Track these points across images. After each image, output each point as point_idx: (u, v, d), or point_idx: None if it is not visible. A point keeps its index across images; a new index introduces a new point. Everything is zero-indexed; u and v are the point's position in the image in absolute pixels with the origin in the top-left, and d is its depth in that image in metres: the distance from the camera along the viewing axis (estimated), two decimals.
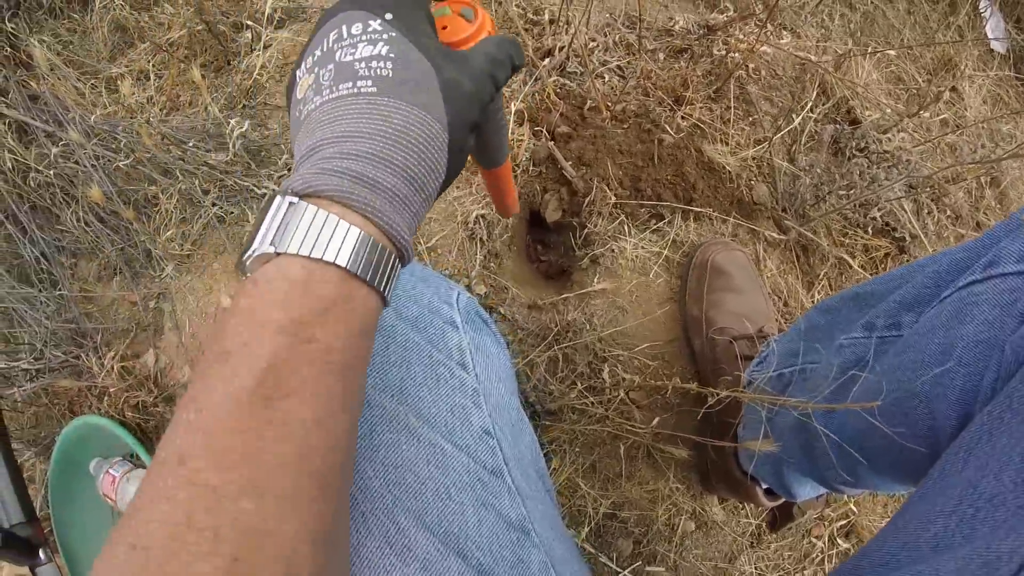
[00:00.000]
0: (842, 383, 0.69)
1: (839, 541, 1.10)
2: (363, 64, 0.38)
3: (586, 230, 1.14)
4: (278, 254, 0.34)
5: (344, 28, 0.40)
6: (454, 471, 0.51)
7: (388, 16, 0.40)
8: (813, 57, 1.18)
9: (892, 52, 1.20)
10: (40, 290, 1.11)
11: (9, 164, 1.09)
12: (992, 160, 1.06)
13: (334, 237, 0.34)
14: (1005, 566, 0.34)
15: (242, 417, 0.31)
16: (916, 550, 0.42)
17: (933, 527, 0.42)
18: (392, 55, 0.39)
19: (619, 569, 1.06)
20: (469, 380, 0.56)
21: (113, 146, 1.10)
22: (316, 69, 0.40)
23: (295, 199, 0.35)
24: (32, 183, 1.11)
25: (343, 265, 0.34)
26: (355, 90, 0.38)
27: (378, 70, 0.38)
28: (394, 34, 0.40)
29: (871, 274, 1.13)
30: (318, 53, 0.41)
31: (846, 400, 0.67)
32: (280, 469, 0.31)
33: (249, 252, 0.35)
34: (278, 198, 0.35)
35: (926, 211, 1.14)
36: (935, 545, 0.41)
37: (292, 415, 0.32)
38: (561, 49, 1.18)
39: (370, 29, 0.40)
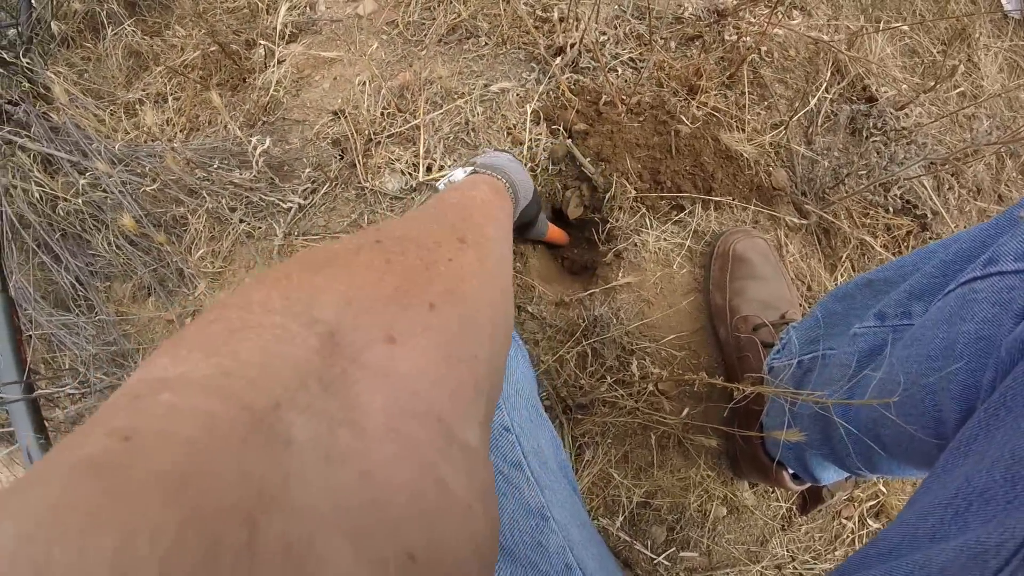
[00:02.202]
0: (857, 371, 0.71)
1: (869, 521, 1.12)
2: (503, 155, 0.87)
3: (608, 225, 1.15)
4: (476, 172, 0.74)
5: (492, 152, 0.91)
6: None
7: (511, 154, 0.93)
8: (825, 36, 1.17)
9: (905, 27, 1.19)
10: (78, 315, 1.14)
11: (38, 195, 1.11)
12: (1007, 141, 1.05)
13: (501, 177, 0.73)
14: (993, 559, 0.35)
15: (488, 203, 0.60)
16: (916, 541, 0.43)
17: (931, 519, 0.43)
18: (512, 158, 0.86)
19: (654, 556, 1.09)
20: None
21: (139, 171, 1.12)
22: (479, 160, 0.83)
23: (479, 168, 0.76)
24: (61, 212, 1.14)
25: (504, 183, 0.72)
26: (498, 157, 0.83)
27: (507, 156, 0.86)
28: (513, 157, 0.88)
29: (894, 253, 1.14)
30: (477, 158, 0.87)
31: (862, 389, 0.70)
32: (496, 226, 0.56)
33: (451, 178, 0.80)
34: (472, 168, 0.77)
35: (947, 187, 1.14)
36: (932, 536, 0.42)
37: (501, 217, 0.62)
38: (572, 46, 1.18)
39: (505, 153, 0.91)
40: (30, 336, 1.11)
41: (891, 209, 1.13)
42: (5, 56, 1.20)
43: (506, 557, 0.55)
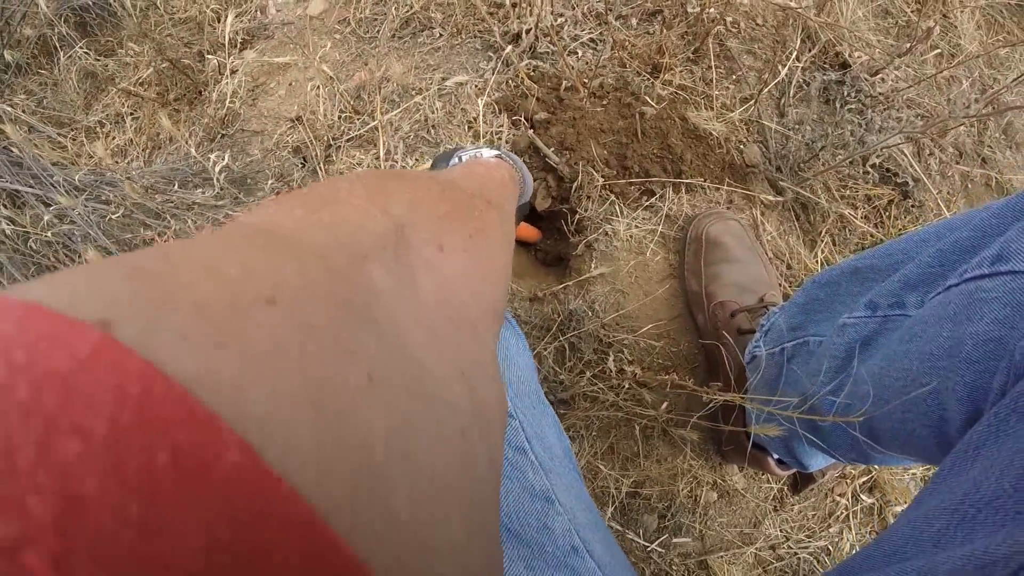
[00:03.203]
0: (846, 363, 0.69)
1: (863, 497, 1.11)
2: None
3: (578, 215, 1.12)
4: (501, 157, 0.73)
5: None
6: None
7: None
8: (793, 3, 1.12)
9: None
10: None
11: (7, 231, 1.11)
12: (987, 114, 1.00)
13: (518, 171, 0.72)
14: (1000, 570, 0.34)
15: (505, 186, 0.63)
16: (920, 544, 0.43)
17: (937, 523, 0.42)
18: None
19: (647, 544, 1.09)
20: None
21: (103, 199, 1.12)
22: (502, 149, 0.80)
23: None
24: (33, 245, 1.14)
25: (519, 177, 0.71)
26: (511, 155, 0.78)
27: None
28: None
29: (875, 225, 1.10)
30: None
31: (852, 382, 0.68)
32: (511, 208, 0.60)
33: (478, 153, 0.75)
34: (498, 152, 0.75)
35: (927, 152, 1.09)
36: (937, 541, 0.41)
37: (513, 201, 0.64)
38: (528, 31, 1.14)
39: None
40: None
41: (870, 179, 1.08)
42: None
43: (513, 539, 0.55)
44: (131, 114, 1.21)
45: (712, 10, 1.11)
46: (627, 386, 1.06)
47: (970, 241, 0.55)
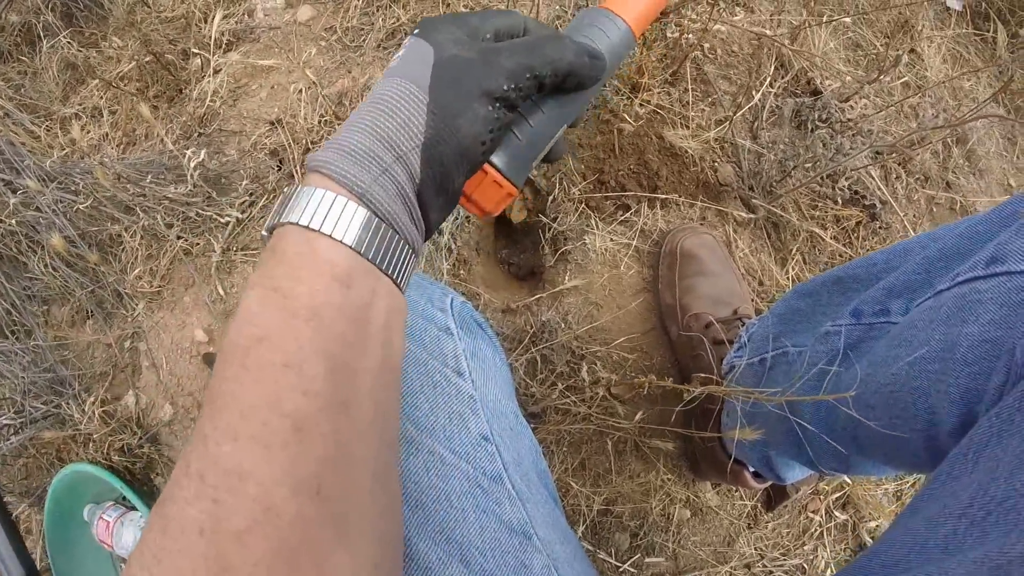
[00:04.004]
0: (829, 372, 0.69)
1: (836, 513, 1.10)
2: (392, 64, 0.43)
3: (553, 228, 1.13)
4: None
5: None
6: (454, 478, 0.52)
7: (416, 32, 0.43)
8: (768, 31, 1.16)
9: (848, 19, 1.19)
10: (15, 340, 1.11)
11: None
12: (954, 124, 1.04)
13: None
14: (1017, 570, 0.33)
15: (225, 365, 0.34)
16: (926, 551, 0.41)
17: (943, 529, 0.41)
18: (405, 49, 0.43)
19: (619, 564, 1.07)
20: (466, 387, 0.57)
21: (72, 188, 1.09)
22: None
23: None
24: None
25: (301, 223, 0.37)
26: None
27: (394, 62, 0.43)
28: (416, 39, 0.43)
29: (844, 245, 1.13)
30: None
31: (836, 389, 0.67)
32: (252, 411, 0.33)
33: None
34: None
35: (894, 176, 1.13)
36: (945, 547, 0.40)
37: (263, 359, 0.34)
38: None
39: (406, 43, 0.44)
40: None
41: (839, 200, 1.11)
42: None
43: None
44: (109, 108, 1.20)
45: (690, 36, 1.15)
46: (600, 395, 1.04)
47: (955, 248, 0.56)
